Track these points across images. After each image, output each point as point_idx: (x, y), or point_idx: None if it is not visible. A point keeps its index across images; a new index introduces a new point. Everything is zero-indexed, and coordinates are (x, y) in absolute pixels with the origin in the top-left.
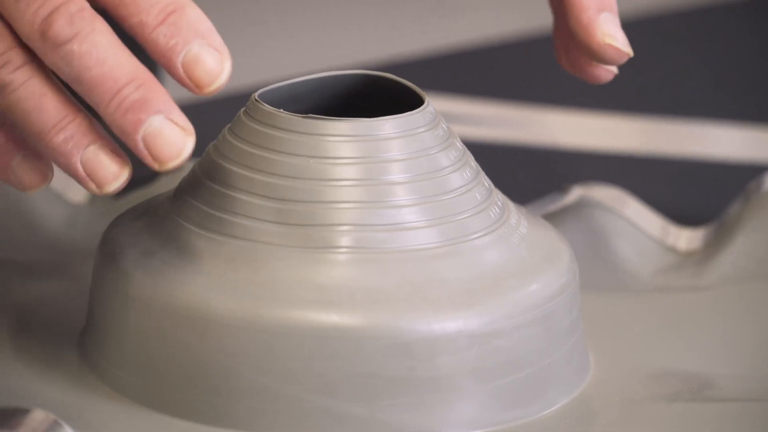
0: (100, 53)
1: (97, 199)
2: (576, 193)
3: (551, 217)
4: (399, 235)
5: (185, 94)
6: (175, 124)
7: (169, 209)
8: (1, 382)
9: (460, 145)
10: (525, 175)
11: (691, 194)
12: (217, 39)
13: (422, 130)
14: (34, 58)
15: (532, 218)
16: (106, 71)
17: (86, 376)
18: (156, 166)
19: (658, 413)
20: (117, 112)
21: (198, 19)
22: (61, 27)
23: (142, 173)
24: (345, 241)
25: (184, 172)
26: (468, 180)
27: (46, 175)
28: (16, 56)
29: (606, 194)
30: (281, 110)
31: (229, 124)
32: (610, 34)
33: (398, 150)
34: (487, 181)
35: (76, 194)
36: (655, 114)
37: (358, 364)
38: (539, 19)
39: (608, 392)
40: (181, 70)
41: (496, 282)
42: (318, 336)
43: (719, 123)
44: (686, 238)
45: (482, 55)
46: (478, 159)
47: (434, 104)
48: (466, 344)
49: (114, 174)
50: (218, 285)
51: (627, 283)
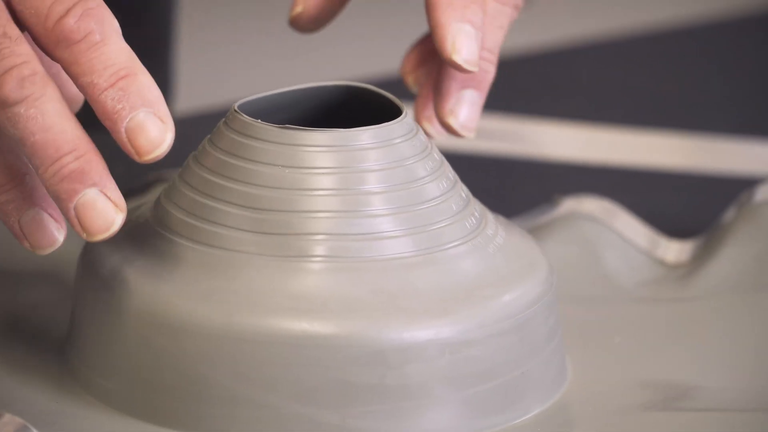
0: (46, 120)
1: None
2: (566, 206)
3: (541, 229)
4: (374, 245)
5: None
6: (108, 198)
7: (149, 218)
8: None
9: (437, 156)
10: (517, 187)
11: (685, 206)
12: (164, 108)
13: (399, 140)
14: None
15: (512, 229)
16: (49, 138)
17: (67, 384)
18: (84, 236)
19: (631, 422)
20: (54, 179)
21: (148, 86)
22: (10, 89)
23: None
24: (320, 250)
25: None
26: (444, 190)
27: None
28: None
29: (596, 206)
30: (259, 120)
31: (210, 135)
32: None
33: (375, 160)
34: (464, 192)
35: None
36: (651, 127)
37: (331, 371)
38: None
39: (584, 401)
40: (123, 135)
41: (470, 291)
42: (291, 344)
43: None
44: (675, 250)
45: None
46: (470, 171)
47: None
48: (438, 353)
49: (49, 239)
50: (193, 293)
51: (613, 295)
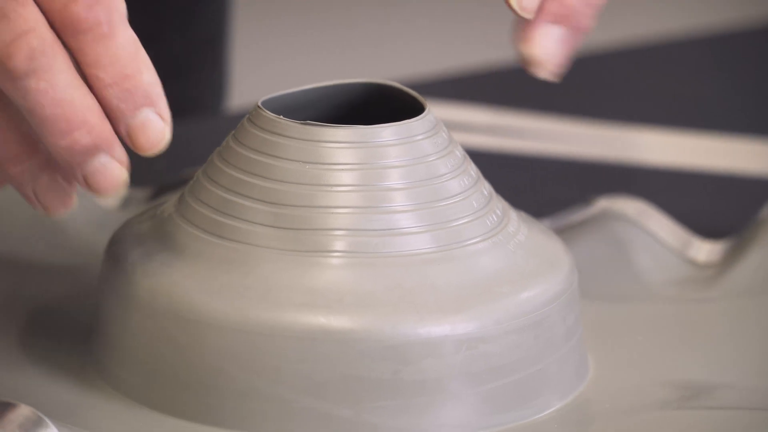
0: (57, 93)
1: (129, 204)
2: (600, 205)
3: (574, 228)
4: (393, 240)
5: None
6: (115, 159)
7: (172, 212)
8: (7, 379)
9: (459, 153)
10: (553, 187)
11: (725, 207)
12: (164, 105)
13: (421, 137)
14: None
15: (535, 227)
16: (59, 113)
17: (89, 375)
18: (93, 194)
19: (649, 420)
20: (65, 151)
21: (151, 84)
22: (20, 61)
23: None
24: (338, 246)
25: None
26: (466, 187)
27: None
28: None
29: (629, 206)
30: (281, 117)
31: (234, 131)
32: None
33: (396, 157)
34: (486, 189)
35: (107, 199)
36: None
37: (345, 366)
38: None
39: (603, 398)
40: (124, 132)
41: (487, 288)
42: (305, 338)
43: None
44: (707, 251)
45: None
46: (506, 169)
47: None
48: (453, 349)
49: (64, 202)
50: (211, 286)
51: (641, 294)
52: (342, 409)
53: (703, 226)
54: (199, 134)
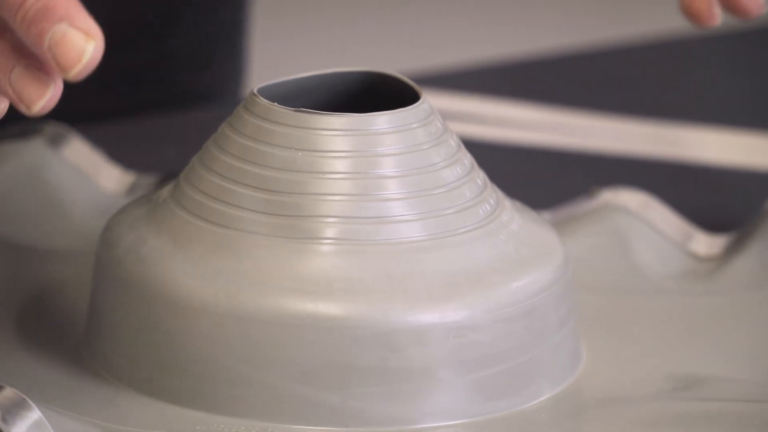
0: None
1: (135, 190)
2: (603, 198)
3: (575, 220)
4: (384, 228)
5: None
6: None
7: (167, 198)
8: (1, 362)
9: (454, 143)
10: (561, 178)
11: (726, 202)
12: (83, 18)
13: (415, 126)
14: None
15: (530, 217)
16: None
17: (82, 359)
18: (63, 75)
19: (639, 410)
20: (23, 24)
21: (60, 2)
22: None
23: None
24: (330, 233)
25: None
26: (459, 177)
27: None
28: None
29: (632, 199)
30: (275, 104)
31: (229, 118)
32: None
33: (389, 145)
34: (480, 179)
35: (113, 184)
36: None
37: (333, 352)
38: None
39: (594, 389)
40: (48, 55)
41: (477, 277)
42: (294, 324)
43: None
44: (707, 244)
45: (528, 63)
46: (514, 161)
47: (473, 107)
48: (442, 337)
49: (39, 91)
50: (202, 272)
51: (639, 286)
52: (330, 396)
53: (706, 220)
54: (213, 123)
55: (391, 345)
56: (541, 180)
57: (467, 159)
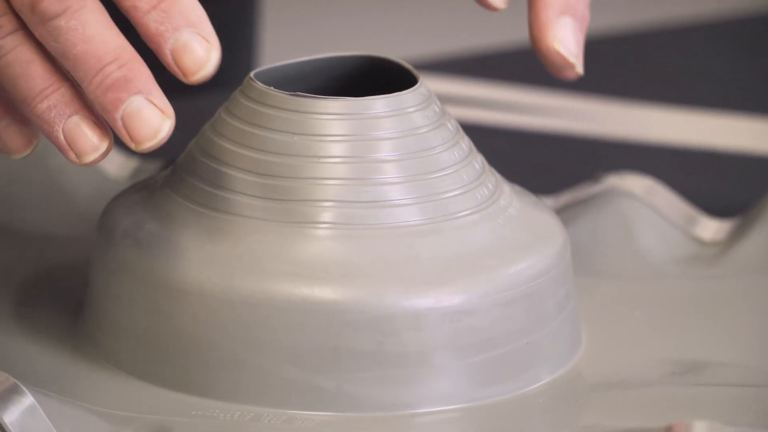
0: (87, 31)
1: (140, 175)
2: (608, 182)
3: (579, 205)
4: (381, 212)
5: None
6: (155, 105)
7: (164, 184)
8: None
9: (452, 127)
10: (567, 164)
11: (731, 186)
12: (208, 28)
13: (412, 109)
14: (25, 26)
15: (529, 201)
16: (91, 49)
17: (79, 344)
18: (133, 146)
19: (638, 395)
20: (98, 90)
21: (190, 6)
22: (50, 2)
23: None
24: (326, 217)
25: None
26: (456, 161)
27: (31, 141)
28: (8, 23)
29: (637, 183)
30: (272, 88)
31: (226, 103)
32: (561, 40)
33: (386, 129)
34: (478, 163)
35: (116, 169)
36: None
37: (328, 337)
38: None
39: (593, 373)
40: (169, 57)
41: (473, 261)
42: (289, 308)
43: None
44: (713, 229)
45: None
46: (520, 146)
47: (473, 92)
48: (438, 321)
49: (93, 146)
50: (197, 256)
51: (642, 271)
52: (325, 380)
53: (710, 205)
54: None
55: (386, 329)
56: (545, 165)
57: (465, 143)
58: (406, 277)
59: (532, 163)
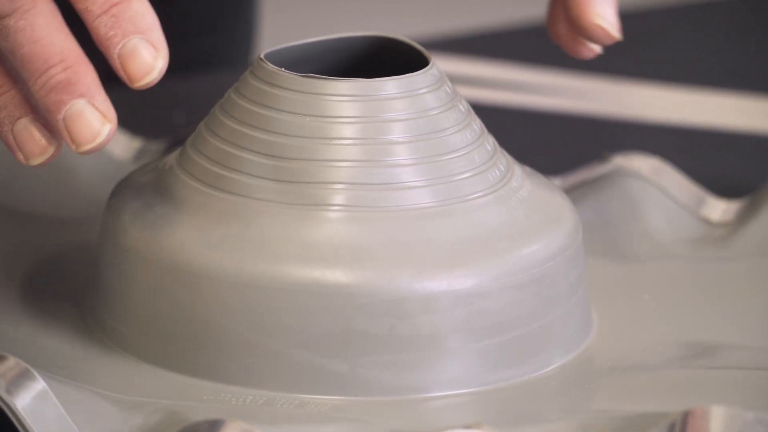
0: (35, 32)
1: (143, 156)
2: (616, 162)
3: (587, 185)
4: (393, 195)
5: None
6: (96, 109)
7: (174, 164)
8: (4, 330)
9: (463, 108)
10: (573, 144)
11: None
12: (157, 35)
13: (424, 91)
14: None
15: (541, 183)
16: (37, 50)
17: (87, 328)
18: (73, 148)
19: (650, 378)
20: (42, 90)
21: (141, 13)
22: (1, 3)
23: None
24: (338, 199)
25: None
26: (468, 142)
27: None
28: None
29: (644, 164)
30: (282, 69)
31: (236, 83)
32: (602, 15)
33: (398, 110)
34: (490, 145)
35: (119, 150)
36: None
37: (340, 320)
38: None
39: (605, 356)
40: (117, 62)
41: (486, 243)
42: (301, 291)
43: None
44: (721, 210)
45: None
46: (528, 126)
47: (483, 72)
48: (450, 304)
49: (42, 148)
50: (208, 239)
51: (651, 252)
52: (338, 364)
53: (718, 185)
54: (221, 88)
55: (398, 313)
56: (553, 145)
57: (477, 124)
58: (418, 260)
59: (539, 142)
